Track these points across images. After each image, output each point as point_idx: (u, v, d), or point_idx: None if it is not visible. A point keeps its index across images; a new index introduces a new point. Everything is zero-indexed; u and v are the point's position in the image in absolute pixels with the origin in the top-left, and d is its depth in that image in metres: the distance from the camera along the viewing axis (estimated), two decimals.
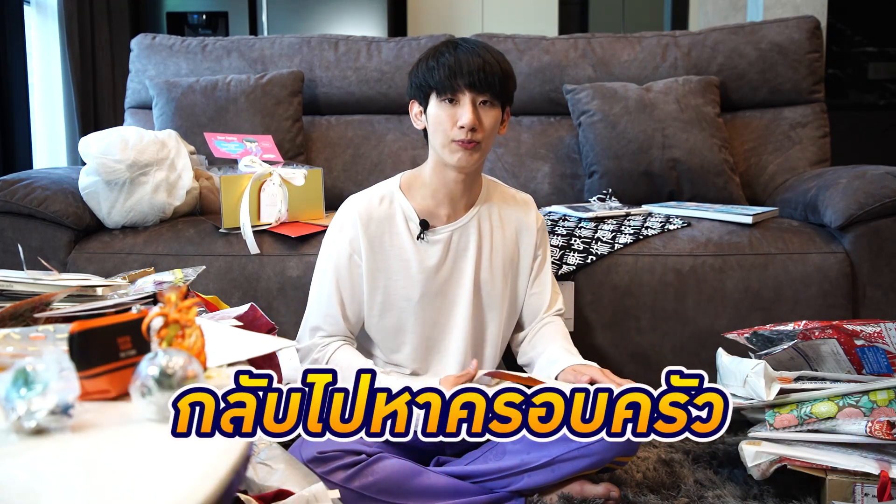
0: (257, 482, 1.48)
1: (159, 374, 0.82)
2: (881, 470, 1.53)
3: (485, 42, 1.63)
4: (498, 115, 1.60)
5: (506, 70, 1.59)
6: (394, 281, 1.65)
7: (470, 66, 1.53)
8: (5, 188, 2.11)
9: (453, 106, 1.56)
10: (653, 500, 1.67)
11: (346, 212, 1.68)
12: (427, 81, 1.58)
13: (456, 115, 1.56)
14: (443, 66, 1.55)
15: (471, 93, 1.55)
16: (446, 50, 1.58)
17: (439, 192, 1.66)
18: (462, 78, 1.54)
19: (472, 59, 1.54)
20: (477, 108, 1.56)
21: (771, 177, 2.56)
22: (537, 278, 1.77)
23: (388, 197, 1.68)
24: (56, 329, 1.05)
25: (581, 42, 2.71)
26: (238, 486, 0.78)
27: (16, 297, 1.23)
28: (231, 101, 2.56)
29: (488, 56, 1.56)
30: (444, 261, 1.66)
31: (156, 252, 2.12)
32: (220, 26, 4.07)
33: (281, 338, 1.21)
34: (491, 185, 1.76)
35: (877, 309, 2.03)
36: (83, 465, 0.73)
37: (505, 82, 1.58)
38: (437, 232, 1.66)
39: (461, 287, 1.67)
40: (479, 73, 1.53)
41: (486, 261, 1.68)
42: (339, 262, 1.66)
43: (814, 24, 2.63)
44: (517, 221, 1.73)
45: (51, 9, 3.43)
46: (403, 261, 1.65)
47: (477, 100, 1.56)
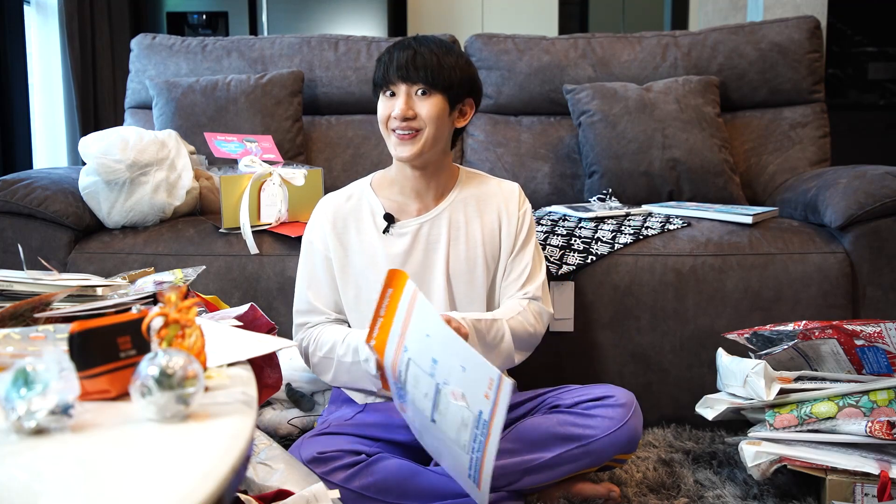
0: (257, 482, 1.48)
1: (159, 374, 0.82)
2: (881, 470, 1.53)
3: (436, 38, 1.64)
4: (439, 104, 1.59)
5: (443, 60, 1.59)
6: (363, 275, 1.66)
7: (400, 59, 1.57)
8: (5, 188, 2.11)
9: (392, 98, 1.60)
10: (653, 500, 1.67)
11: (316, 212, 1.73)
12: (373, 80, 1.65)
13: (391, 105, 1.60)
14: (381, 63, 1.61)
15: (404, 84, 1.58)
16: (388, 49, 1.63)
17: (405, 187, 1.69)
18: (394, 71, 1.58)
19: (404, 52, 1.58)
20: (412, 98, 1.59)
21: (771, 177, 2.56)
22: (515, 262, 1.70)
23: (357, 195, 1.72)
24: (56, 329, 1.05)
25: (581, 42, 2.71)
26: (238, 486, 0.78)
27: (16, 297, 1.23)
28: (231, 101, 2.56)
29: (423, 48, 1.59)
30: (411, 253, 1.66)
31: (156, 252, 2.12)
32: (220, 26, 4.08)
33: (281, 338, 1.21)
34: (470, 177, 1.75)
35: (877, 309, 2.03)
36: (83, 465, 0.73)
37: (439, 71, 1.58)
38: (404, 225, 1.67)
39: (434, 279, 1.66)
40: (409, 64, 1.57)
41: (461, 252, 1.67)
42: (314, 260, 1.70)
43: (814, 24, 2.63)
44: (498, 209, 1.72)
45: (51, 9, 3.43)
46: (370, 255, 1.66)
47: (412, 90, 1.59)
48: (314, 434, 1.62)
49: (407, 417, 1.48)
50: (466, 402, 1.30)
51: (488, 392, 1.28)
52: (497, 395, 1.27)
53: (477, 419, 1.30)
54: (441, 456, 1.45)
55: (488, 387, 1.28)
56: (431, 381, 1.34)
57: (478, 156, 2.66)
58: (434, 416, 1.36)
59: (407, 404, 1.43)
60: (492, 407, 1.26)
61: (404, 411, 1.46)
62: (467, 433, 1.33)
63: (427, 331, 1.33)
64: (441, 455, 1.45)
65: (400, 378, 1.40)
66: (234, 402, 0.91)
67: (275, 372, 1.30)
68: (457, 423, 1.33)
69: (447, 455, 1.42)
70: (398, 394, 1.44)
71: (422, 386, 1.36)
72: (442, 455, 1.44)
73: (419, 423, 1.43)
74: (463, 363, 1.29)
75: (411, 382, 1.37)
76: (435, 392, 1.34)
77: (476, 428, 1.31)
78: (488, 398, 1.28)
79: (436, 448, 1.45)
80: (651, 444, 1.95)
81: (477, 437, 1.32)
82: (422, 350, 1.35)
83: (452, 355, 1.31)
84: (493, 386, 1.26)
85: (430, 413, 1.37)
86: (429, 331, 1.33)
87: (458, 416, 1.33)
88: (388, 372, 1.43)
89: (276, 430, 1.94)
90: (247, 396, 0.93)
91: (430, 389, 1.34)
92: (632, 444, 1.58)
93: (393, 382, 1.44)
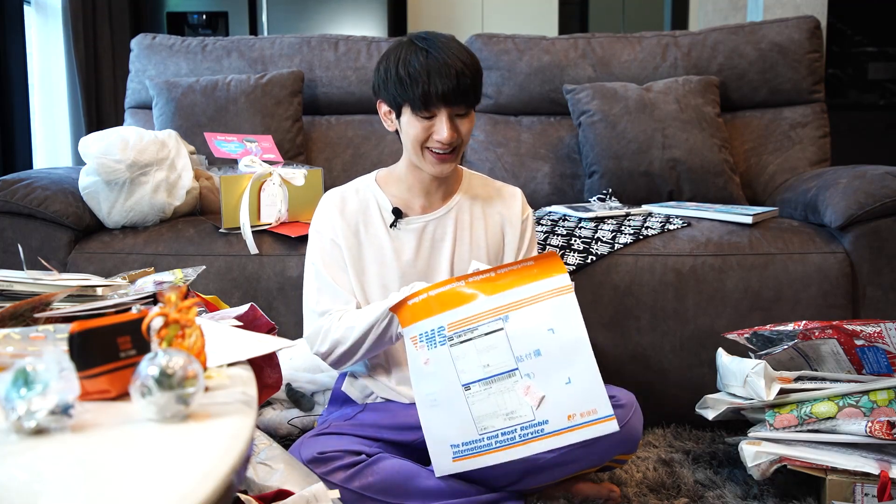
0: (257, 482, 1.48)
1: (159, 374, 0.82)
2: (881, 470, 1.53)
3: (450, 39, 1.56)
4: (473, 117, 1.59)
5: (476, 71, 1.55)
6: (370, 269, 1.65)
7: (445, 85, 1.48)
8: (5, 188, 2.11)
9: (429, 121, 1.54)
10: (653, 500, 1.67)
11: (323, 205, 1.70)
12: (399, 96, 1.53)
13: (432, 128, 1.54)
14: (416, 83, 1.49)
15: (447, 108, 1.52)
16: (415, 59, 1.51)
17: (414, 186, 1.67)
18: (438, 97, 1.49)
19: (445, 72, 1.49)
20: (453, 120, 1.54)
21: (771, 177, 2.56)
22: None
23: (364, 189, 1.70)
24: (56, 329, 1.05)
25: (581, 42, 2.71)
26: (238, 486, 0.78)
27: (16, 297, 1.23)
28: (231, 101, 2.56)
29: (459, 64, 1.50)
30: (418, 250, 1.66)
31: (156, 252, 2.12)
32: (220, 26, 4.08)
33: (281, 338, 1.21)
34: (474, 179, 1.75)
35: (877, 309, 2.03)
36: (83, 465, 0.73)
37: (477, 87, 1.55)
38: (411, 221, 1.67)
39: (438, 277, 1.66)
40: (454, 89, 1.49)
41: (465, 253, 1.67)
42: (325, 248, 1.66)
43: (814, 24, 2.63)
44: (501, 215, 1.72)
45: (51, 9, 3.43)
46: (378, 248, 1.65)
47: (452, 112, 1.54)
48: (314, 434, 1.62)
49: (416, 356, 1.44)
50: (538, 404, 1.30)
51: (576, 415, 1.29)
52: (584, 424, 1.28)
53: (532, 423, 1.30)
54: (431, 408, 1.42)
55: (582, 413, 1.29)
56: (511, 363, 1.32)
57: (478, 156, 2.66)
58: (474, 385, 1.34)
59: (436, 352, 1.39)
60: (566, 428, 1.28)
61: (418, 350, 1.42)
62: (501, 422, 1.32)
63: (555, 326, 1.32)
64: (432, 408, 1.42)
65: (451, 329, 1.37)
66: (234, 402, 0.90)
67: (275, 372, 1.30)
68: (500, 408, 1.32)
69: (444, 416, 1.40)
70: (428, 335, 1.40)
71: (488, 356, 1.34)
72: (433, 409, 1.41)
73: (440, 377, 1.40)
74: (574, 377, 1.29)
75: (478, 344, 1.35)
76: (502, 373, 1.33)
77: (523, 428, 1.30)
78: (571, 419, 1.29)
79: (431, 400, 1.42)
80: (651, 444, 1.95)
81: (513, 432, 1.31)
82: (529, 335, 1.33)
83: (568, 364, 1.30)
84: (590, 416, 1.28)
85: (471, 379, 1.35)
86: (559, 328, 1.31)
87: (508, 405, 1.32)
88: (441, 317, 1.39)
89: (276, 430, 1.94)
90: (247, 396, 0.93)
91: (499, 367, 1.33)
92: (632, 445, 1.58)
93: (435, 321, 1.40)
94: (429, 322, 1.41)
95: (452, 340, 1.38)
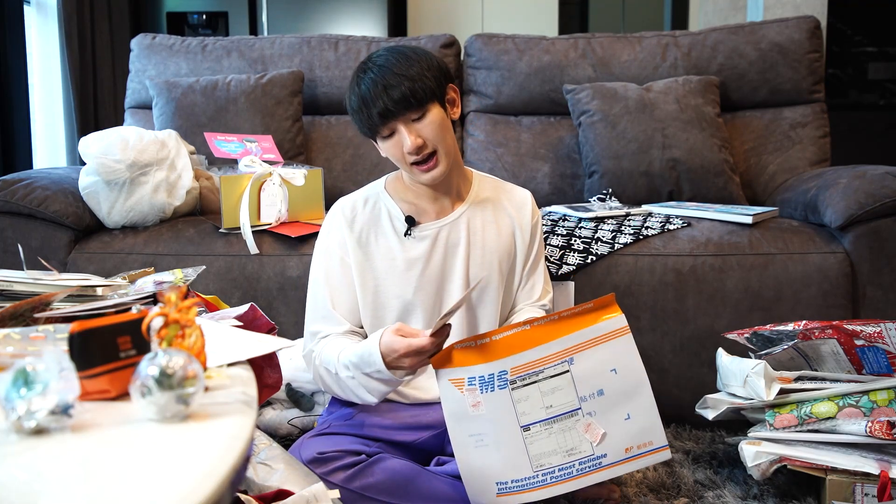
0: (257, 482, 1.48)
1: (159, 374, 0.82)
2: (881, 470, 1.53)
3: (389, 52, 1.55)
4: (437, 114, 1.55)
5: (415, 73, 1.52)
6: (383, 280, 1.64)
7: (379, 104, 1.50)
8: (5, 188, 2.11)
9: (394, 137, 1.55)
10: (653, 500, 1.67)
11: (332, 215, 1.69)
12: (362, 128, 1.58)
13: (400, 142, 1.55)
14: (362, 113, 1.54)
15: (396, 121, 1.53)
16: (354, 94, 1.55)
17: (421, 192, 1.67)
18: (379, 118, 1.51)
19: (375, 91, 1.50)
20: (412, 126, 1.53)
21: (771, 177, 2.56)
22: (531, 274, 1.75)
23: (374, 198, 1.69)
24: (56, 329, 1.05)
25: (581, 42, 2.71)
26: (238, 486, 0.78)
27: (16, 297, 1.23)
28: (231, 101, 2.56)
29: (389, 76, 1.50)
30: (432, 256, 1.65)
31: (156, 252, 2.12)
32: (220, 26, 4.08)
33: (281, 338, 1.21)
34: (485, 182, 1.75)
35: (877, 309, 2.03)
36: (83, 465, 0.73)
37: (418, 89, 1.52)
38: (424, 228, 1.66)
39: (452, 283, 1.66)
40: (389, 102, 1.49)
41: (478, 257, 1.67)
42: (330, 265, 1.66)
43: (814, 24, 2.63)
44: (512, 218, 1.72)
45: (51, 9, 3.43)
46: (391, 259, 1.64)
47: (407, 121, 1.53)
48: (314, 434, 1.62)
49: (460, 400, 1.43)
50: (599, 440, 1.36)
51: (633, 447, 1.36)
52: (639, 455, 1.36)
53: (592, 457, 1.36)
54: (476, 448, 1.42)
55: (639, 445, 1.36)
56: (574, 403, 1.38)
57: (478, 156, 2.66)
58: (534, 426, 1.38)
59: (493, 395, 1.40)
60: (623, 459, 1.34)
61: (464, 394, 1.42)
62: (560, 459, 1.37)
63: (617, 367, 1.39)
64: (476, 448, 1.42)
65: (514, 373, 1.40)
66: (234, 402, 0.90)
67: (275, 372, 1.30)
68: (560, 446, 1.37)
69: (491, 455, 1.40)
70: (484, 380, 1.41)
71: (552, 398, 1.38)
72: (479, 450, 1.42)
73: (492, 419, 1.40)
74: (633, 412, 1.36)
75: (542, 387, 1.39)
76: (564, 413, 1.38)
77: (581, 462, 1.36)
78: (628, 451, 1.35)
79: (477, 441, 1.42)
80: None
81: (571, 467, 1.36)
82: (594, 376, 1.38)
83: (627, 401, 1.37)
84: (646, 448, 1.35)
85: (532, 420, 1.39)
86: (620, 368, 1.39)
87: (569, 443, 1.37)
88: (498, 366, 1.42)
89: (276, 430, 1.94)
90: (247, 396, 0.93)
91: (561, 407, 1.38)
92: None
93: (496, 365, 1.41)
94: (485, 367, 1.41)
95: (515, 384, 1.40)
